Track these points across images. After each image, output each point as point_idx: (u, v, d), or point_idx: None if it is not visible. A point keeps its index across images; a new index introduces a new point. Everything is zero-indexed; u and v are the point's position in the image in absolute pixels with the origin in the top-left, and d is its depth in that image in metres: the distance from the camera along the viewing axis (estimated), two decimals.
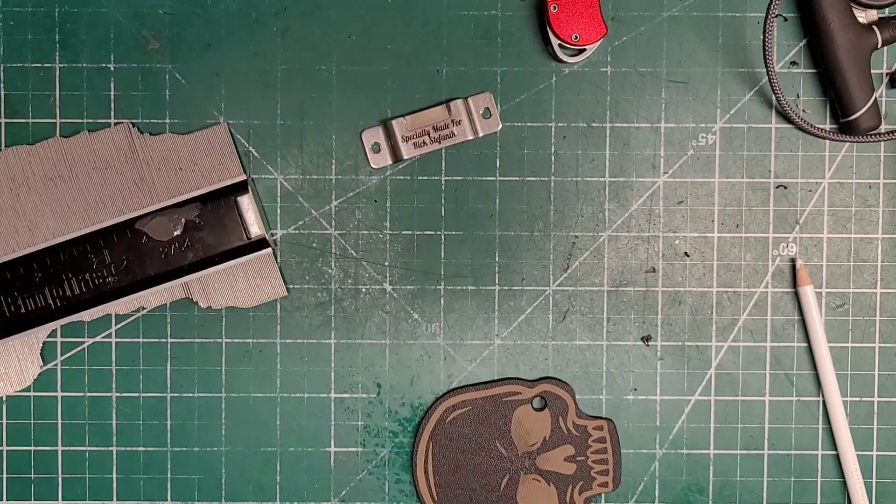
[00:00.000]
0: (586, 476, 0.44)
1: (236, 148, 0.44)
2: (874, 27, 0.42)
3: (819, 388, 0.45)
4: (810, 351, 0.44)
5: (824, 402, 0.44)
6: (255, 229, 0.43)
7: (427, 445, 0.44)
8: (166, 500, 0.45)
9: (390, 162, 0.44)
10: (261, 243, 0.43)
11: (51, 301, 0.43)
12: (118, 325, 0.44)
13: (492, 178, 0.45)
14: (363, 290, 0.45)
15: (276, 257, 0.44)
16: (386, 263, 0.45)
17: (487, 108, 0.44)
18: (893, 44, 0.43)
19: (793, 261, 0.44)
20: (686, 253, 0.44)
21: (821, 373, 0.44)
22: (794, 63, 0.45)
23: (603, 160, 0.45)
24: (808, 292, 0.44)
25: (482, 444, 0.44)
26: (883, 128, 0.44)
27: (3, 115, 0.44)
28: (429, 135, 0.44)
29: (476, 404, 0.44)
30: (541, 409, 0.44)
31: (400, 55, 0.44)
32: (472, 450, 0.44)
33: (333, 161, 0.45)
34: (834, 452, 0.45)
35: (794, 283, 0.44)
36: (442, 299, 0.45)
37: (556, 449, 0.44)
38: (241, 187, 0.43)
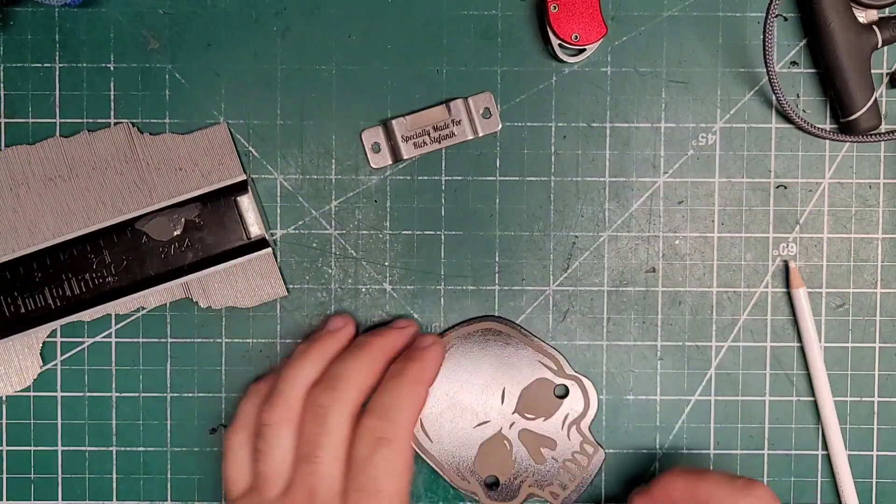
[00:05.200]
0: (548, 477, 0.44)
1: (236, 148, 0.44)
2: (874, 27, 0.42)
3: None
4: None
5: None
6: (255, 229, 0.43)
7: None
8: (166, 500, 0.45)
9: (390, 162, 0.44)
10: (261, 243, 0.43)
11: (51, 301, 0.43)
12: (118, 325, 0.44)
13: (492, 178, 0.45)
14: (363, 290, 0.45)
15: (276, 257, 0.44)
16: (386, 263, 0.45)
17: (487, 108, 0.44)
18: (893, 44, 0.43)
19: (786, 262, 0.44)
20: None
21: (813, 376, 0.44)
22: (794, 63, 0.45)
23: (603, 160, 0.45)
24: (801, 295, 0.44)
25: (487, 385, 0.44)
26: (883, 128, 0.44)
27: (3, 115, 0.44)
28: (429, 135, 0.44)
29: (514, 342, 0.44)
30: (561, 398, 0.44)
31: (400, 55, 0.44)
32: (472, 388, 0.43)
33: (333, 161, 0.44)
34: None
35: (788, 284, 0.44)
36: (442, 299, 0.45)
37: (543, 434, 0.44)
38: (241, 187, 0.43)
